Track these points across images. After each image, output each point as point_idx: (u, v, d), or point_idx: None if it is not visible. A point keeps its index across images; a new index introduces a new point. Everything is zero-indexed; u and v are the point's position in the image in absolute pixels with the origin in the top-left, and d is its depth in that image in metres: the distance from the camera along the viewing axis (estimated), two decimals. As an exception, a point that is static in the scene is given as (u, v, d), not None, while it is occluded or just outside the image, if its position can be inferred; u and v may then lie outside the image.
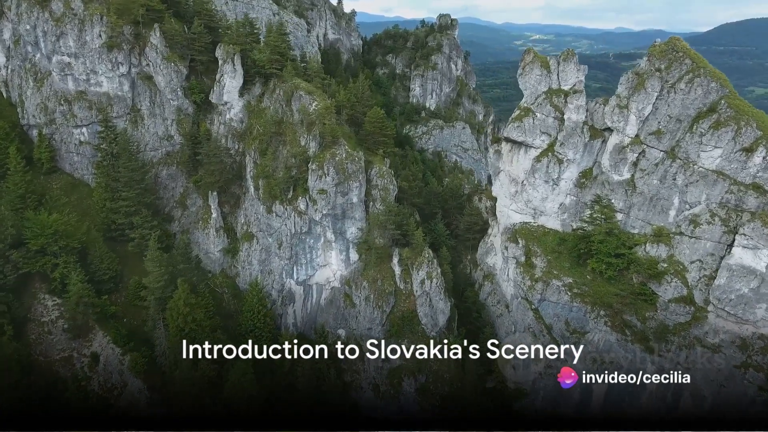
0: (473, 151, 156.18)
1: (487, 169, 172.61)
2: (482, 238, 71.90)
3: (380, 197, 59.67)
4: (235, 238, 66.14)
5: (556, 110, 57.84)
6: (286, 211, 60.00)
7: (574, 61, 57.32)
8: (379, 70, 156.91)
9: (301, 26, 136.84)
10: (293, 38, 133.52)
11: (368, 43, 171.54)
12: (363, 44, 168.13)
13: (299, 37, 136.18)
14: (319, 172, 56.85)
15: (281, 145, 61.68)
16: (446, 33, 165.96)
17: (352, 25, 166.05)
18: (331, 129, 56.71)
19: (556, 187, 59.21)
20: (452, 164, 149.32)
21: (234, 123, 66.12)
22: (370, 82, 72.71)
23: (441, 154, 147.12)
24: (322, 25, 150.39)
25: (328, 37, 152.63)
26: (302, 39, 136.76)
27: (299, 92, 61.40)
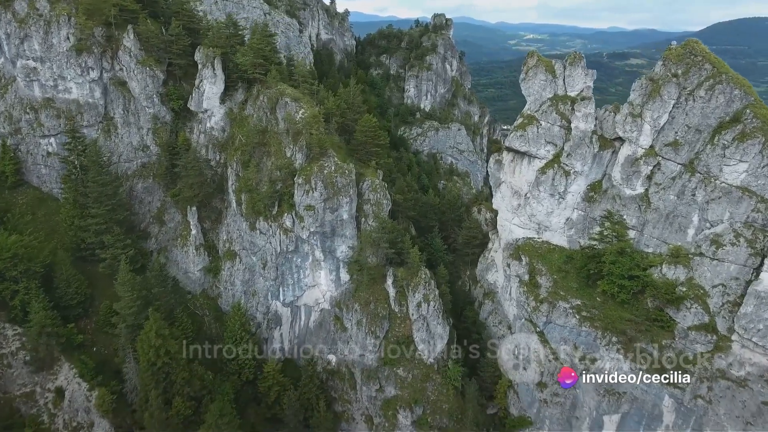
0: (469, 152, 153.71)
1: (483, 170, 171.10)
2: (482, 253, 67.51)
3: (373, 213, 55.10)
4: (217, 256, 61.34)
5: (562, 118, 53.51)
6: (271, 228, 55.31)
7: (582, 65, 53.00)
8: (373, 70, 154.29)
9: (293, 26, 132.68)
10: (285, 38, 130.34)
11: (362, 44, 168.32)
12: (357, 44, 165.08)
13: (291, 38, 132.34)
14: (306, 186, 52.19)
15: (265, 157, 56.97)
16: (441, 33, 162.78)
17: (346, 25, 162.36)
18: (318, 139, 52.10)
19: (563, 200, 54.92)
20: (448, 166, 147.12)
21: (215, 132, 61.31)
22: (362, 87, 67.85)
23: (436, 156, 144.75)
24: (315, 25, 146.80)
25: (320, 38, 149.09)
26: (294, 39, 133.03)
27: (285, 99, 56.69)
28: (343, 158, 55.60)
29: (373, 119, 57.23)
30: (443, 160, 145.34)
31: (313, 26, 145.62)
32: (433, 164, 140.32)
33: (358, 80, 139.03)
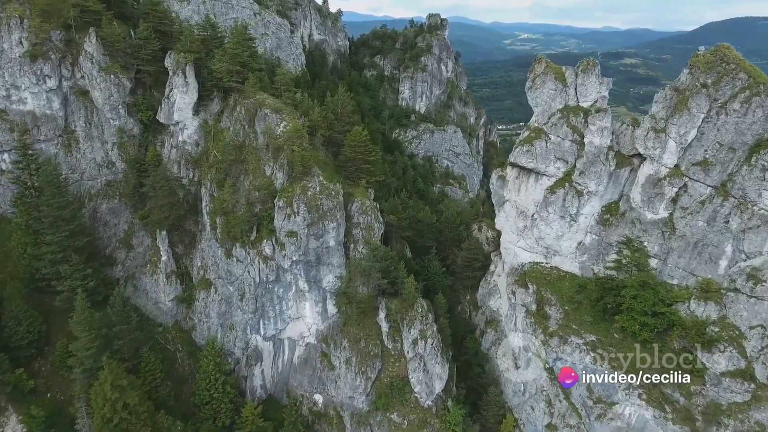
0: (465, 155, 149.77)
1: (479, 173, 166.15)
2: (483, 277, 61.80)
3: (363, 238, 49.26)
4: (191, 285, 55.27)
5: (574, 132, 47.87)
6: (249, 256, 49.35)
7: (596, 73, 47.40)
8: (367, 72, 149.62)
9: (284, 27, 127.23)
10: (276, 39, 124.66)
11: (355, 44, 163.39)
12: (350, 45, 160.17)
13: (282, 39, 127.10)
14: (288, 210, 46.26)
15: (242, 175, 50.98)
16: (436, 33, 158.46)
17: (339, 25, 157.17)
18: (301, 156, 46.16)
19: (574, 223, 49.33)
20: (444, 170, 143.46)
21: (188, 146, 55.23)
22: (351, 95, 61.89)
23: (432, 159, 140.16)
24: (307, 25, 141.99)
25: (313, 38, 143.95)
26: (285, 40, 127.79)
27: (264, 110, 50.69)
28: (329, 176, 49.71)
29: (363, 132, 51.33)
30: (439, 163, 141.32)
31: (305, 26, 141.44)
32: (428, 168, 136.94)
33: (352, 82, 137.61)
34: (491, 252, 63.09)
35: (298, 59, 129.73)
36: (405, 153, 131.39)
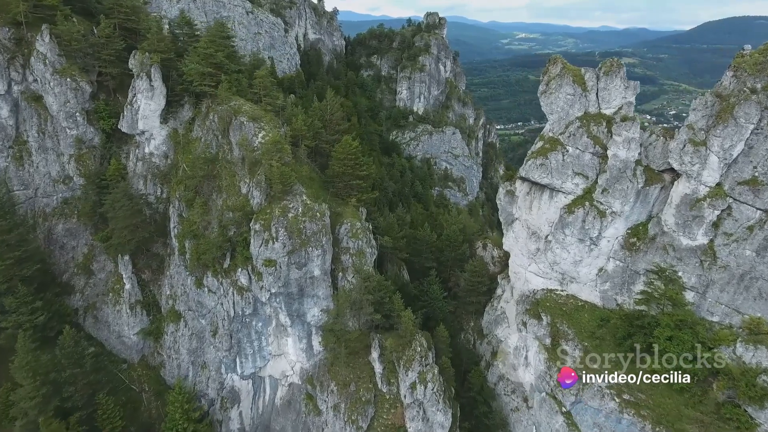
0: (464, 157, 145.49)
1: (479, 175, 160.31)
2: (489, 301, 55.51)
3: (353, 265, 42.86)
4: (159, 316, 48.82)
5: (595, 143, 41.60)
6: (222, 286, 42.95)
7: (621, 76, 41.13)
8: (364, 72, 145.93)
9: (278, 26, 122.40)
10: (269, 39, 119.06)
11: (352, 44, 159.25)
12: (346, 44, 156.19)
13: (275, 38, 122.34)
14: (265, 234, 39.83)
15: (215, 193, 44.54)
16: (434, 32, 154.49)
17: (335, 24, 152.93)
18: (281, 173, 39.73)
19: (595, 247, 43.11)
20: (442, 172, 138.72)
21: (155, 159, 48.74)
22: (342, 99, 55.49)
23: (430, 161, 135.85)
24: (302, 24, 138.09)
25: (308, 38, 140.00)
26: (279, 39, 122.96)
27: (240, 118, 44.25)
28: (315, 194, 43.34)
29: (353, 143, 44.94)
30: (437, 165, 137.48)
31: (300, 26, 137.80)
32: (426, 170, 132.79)
33: (348, 82, 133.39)
34: (497, 273, 56.82)
35: (293, 59, 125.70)
36: (403, 155, 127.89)
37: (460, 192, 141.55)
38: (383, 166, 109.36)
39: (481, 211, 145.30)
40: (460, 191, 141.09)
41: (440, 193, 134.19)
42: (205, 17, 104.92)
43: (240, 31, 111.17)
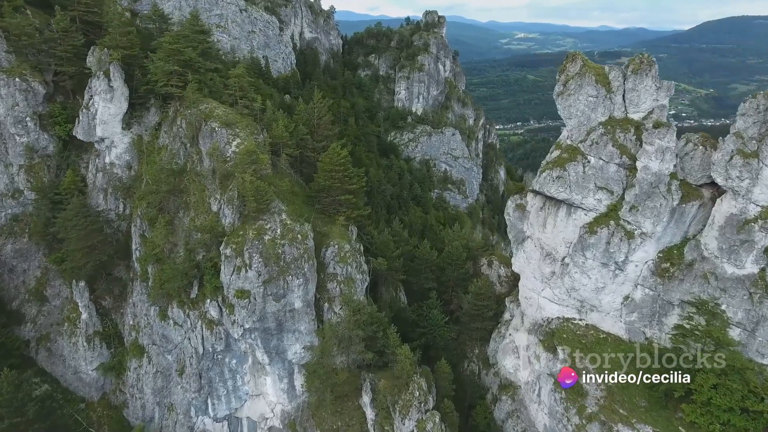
0: (464, 159, 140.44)
1: (479, 177, 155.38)
2: (496, 327, 49.68)
3: (340, 294, 36.99)
4: (122, 349, 42.89)
5: (622, 153, 35.81)
6: (189, 319, 37.05)
7: (652, 75, 35.36)
8: (361, 71, 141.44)
9: (273, 24, 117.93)
10: (263, 37, 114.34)
11: (349, 43, 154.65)
12: (343, 44, 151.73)
13: (270, 36, 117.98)
14: (237, 260, 33.96)
15: (182, 210, 38.65)
16: (433, 31, 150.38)
17: (331, 23, 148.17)
18: (255, 188, 33.84)
19: (621, 273, 37.32)
20: (442, 174, 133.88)
21: (117, 170, 42.80)
22: (330, 102, 49.65)
23: (429, 163, 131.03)
24: (298, 22, 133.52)
25: (304, 36, 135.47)
26: (273, 38, 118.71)
27: (211, 123, 38.35)
28: (297, 211, 37.48)
29: (342, 152, 39.04)
30: (437, 167, 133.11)
31: (296, 24, 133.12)
32: (425, 172, 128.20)
33: (345, 82, 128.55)
34: (505, 295, 50.98)
35: (288, 58, 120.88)
36: (401, 157, 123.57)
37: (460, 194, 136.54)
38: (381, 169, 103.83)
39: (481, 213, 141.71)
40: (460, 193, 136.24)
41: (440, 196, 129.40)
42: (198, 15, 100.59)
43: (233, 30, 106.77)
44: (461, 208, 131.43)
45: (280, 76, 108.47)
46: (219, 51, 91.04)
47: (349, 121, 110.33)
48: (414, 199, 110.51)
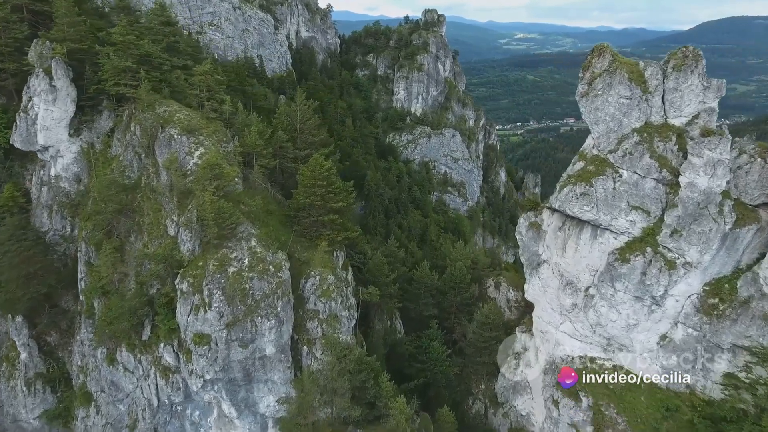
0: (464, 161, 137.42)
1: (479, 179, 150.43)
2: (505, 360, 43.50)
3: (323, 336, 30.81)
4: (69, 393, 36.63)
5: (661, 166, 29.75)
6: (141, 365, 30.87)
7: (698, 71, 29.28)
8: (359, 71, 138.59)
9: (268, 22, 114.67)
10: (258, 36, 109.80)
11: (347, 42, 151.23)
12: (341, 43, 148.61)
13: (265, 35, 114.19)
14: (195, 298, 27.80)
15: (134, 234, 32.45)
16: (433, 30, 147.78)
17: (328, 22, 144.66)
18: (217, 210, 27.66)
19: (658, 308, 31.27)
20: (441, 176, 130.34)
21: (64, 183, 36.58)
22: (316, 103, 43.50)
23: (429, 164, 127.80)
24: (294, 21, 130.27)
25: (300, 35, 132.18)
26: (268, 37, 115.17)
27: (170, 130, 32.17)
28: (272, 234, 31.34)
29: (325, 163, 32.84)
30: (436, 169, 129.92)
31: (292, 23, 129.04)
32: (425, 174, 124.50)
33: (342, 82, 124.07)
34: (515, 323, 44.84)
35: (283, 58, 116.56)
36: (400, 159, 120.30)
37: (460, 197, 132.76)
38: (379, 171, 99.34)
39: (482, 216, 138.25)
40: (460, 196, 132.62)
41: (439, 199, 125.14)
42: (189, 13, 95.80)
43: (227, 28, 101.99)
44: (461, 211, 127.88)
45: (275, 76, 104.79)
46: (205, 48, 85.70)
47: (346, 122, 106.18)
48: (413, 203, 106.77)
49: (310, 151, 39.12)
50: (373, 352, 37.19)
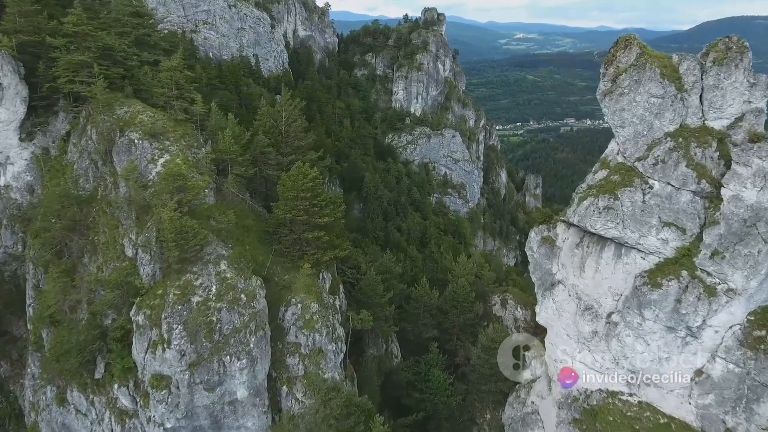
0: (465, 162, 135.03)
1: (479, 180, 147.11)
2: (513, 389, 39.24)
3: (305, 374, 26.47)
4: (20, 428, 32.31)
5: (699, 176, 25.47)
6: (94, 407, 26.55)
7: (744, 66, 25.00)
8: (358, 71, 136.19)
9: (264, 21, 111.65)
10: (253, 34, 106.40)
11: (345, 41, 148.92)
12: (339, 42, 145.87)
13: (261, 34, 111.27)
14: (152, 333, 23.52)
15: (87, 255, 28.14)
16: (432, 29, 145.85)
17: (326, 21, 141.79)
18: (178, 229, 23.34)
19: (694, 340, 26.99)
20: (441, 177, 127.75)
21: (14, 194, 32.27)
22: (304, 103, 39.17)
23: (428, 165, 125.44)
24: (291, 20, 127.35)
25: (298, 34, 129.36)
26: (264, 36, 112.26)
27: (129, 134, 27.88)
28: (247, 254, 27.00)
29: (309, 171, 28.47)
30: (436, 170, 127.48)
31: (289, 21, 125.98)
32: (425, 175, 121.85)
33: (340, 81, 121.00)
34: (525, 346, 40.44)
35: (280, 57, 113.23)
36: (399, 160, 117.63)
37: (461, 199, 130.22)
38: (378, 173, 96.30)
39: (482, 218, 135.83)
40: (461, 198, 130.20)
41: (439, 200, 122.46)
42: (183, 11, 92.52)
43: (221, 27, 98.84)
44: (461, 213, 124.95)
45: (271, 76, 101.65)
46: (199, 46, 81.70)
47: (344, 122, 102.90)
48: (412, 205, 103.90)
49: (296, 156, 34.80)
50: (365, 384, 33.07)
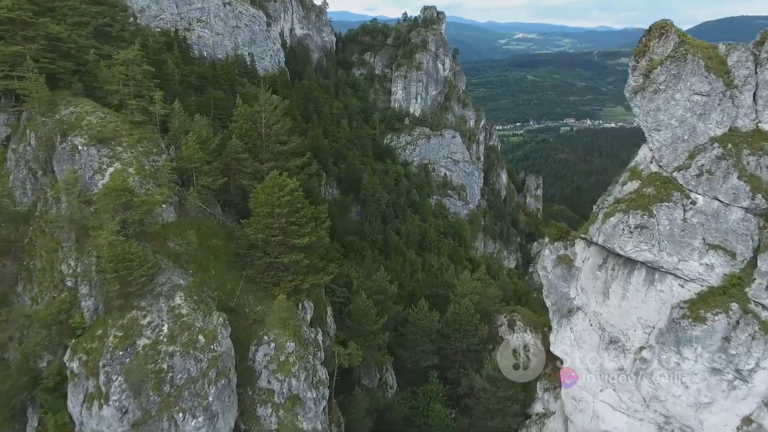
0: (465, 162, 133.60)
1: (480, 182, 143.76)
2: (524, 425, 34.79)
3: (279, 425, 22.01)
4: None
5: (753, 190, 21.16)
6: (25, 468, 22.14)
7: (808, 56, 20.60)
8: (356, 70, 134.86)
9: (259, 19, 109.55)
10: (249, 33, 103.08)
11: (343, 40, 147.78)
12: (337, 41, 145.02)
13: (256, 32, 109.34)
14: (89, 383, 19.14)
15: (21, 283, 23.71)
16: (432, 28, 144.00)
17: (324, 19, 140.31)
18: (119, 255, 18.91)
19: (743, 384, 22.61)
20: (441, 179, 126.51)
21: (-52, 208, 27.84)
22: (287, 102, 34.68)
23: (428, 167, 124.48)
24: (288, 18, 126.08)
25: (295, 33, 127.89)
26: (260, 34, 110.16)
27: (73, 139, 23.48)
28: (210, 282, 22.61)
29: (288, 182, 24.07)
30: (436, 171, 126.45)
31: (286, 20, 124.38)
32: (424, 177, 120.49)
33: (338, 81, 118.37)
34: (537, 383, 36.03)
35: (276, 56, 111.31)
36: (398, 161, 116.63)
37: (461, 200, 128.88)
38: (376, 174, 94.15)
39: (483, 220, 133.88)
40: (461, 199, 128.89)
41: (439, 202, 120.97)
42: (176, 9, 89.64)
43: (216, 25, 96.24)
44: (462, 215, 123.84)
45: (267, 75, 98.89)
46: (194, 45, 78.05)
47: (342, 123, 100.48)
48: (412, 207, 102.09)
49: (276, 163, 30.43)
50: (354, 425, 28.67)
